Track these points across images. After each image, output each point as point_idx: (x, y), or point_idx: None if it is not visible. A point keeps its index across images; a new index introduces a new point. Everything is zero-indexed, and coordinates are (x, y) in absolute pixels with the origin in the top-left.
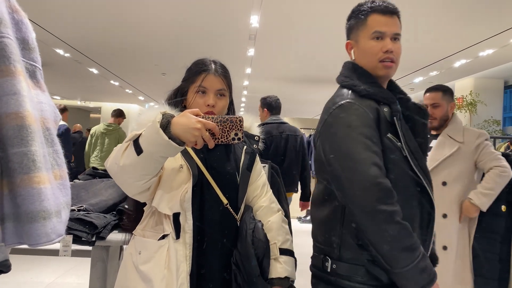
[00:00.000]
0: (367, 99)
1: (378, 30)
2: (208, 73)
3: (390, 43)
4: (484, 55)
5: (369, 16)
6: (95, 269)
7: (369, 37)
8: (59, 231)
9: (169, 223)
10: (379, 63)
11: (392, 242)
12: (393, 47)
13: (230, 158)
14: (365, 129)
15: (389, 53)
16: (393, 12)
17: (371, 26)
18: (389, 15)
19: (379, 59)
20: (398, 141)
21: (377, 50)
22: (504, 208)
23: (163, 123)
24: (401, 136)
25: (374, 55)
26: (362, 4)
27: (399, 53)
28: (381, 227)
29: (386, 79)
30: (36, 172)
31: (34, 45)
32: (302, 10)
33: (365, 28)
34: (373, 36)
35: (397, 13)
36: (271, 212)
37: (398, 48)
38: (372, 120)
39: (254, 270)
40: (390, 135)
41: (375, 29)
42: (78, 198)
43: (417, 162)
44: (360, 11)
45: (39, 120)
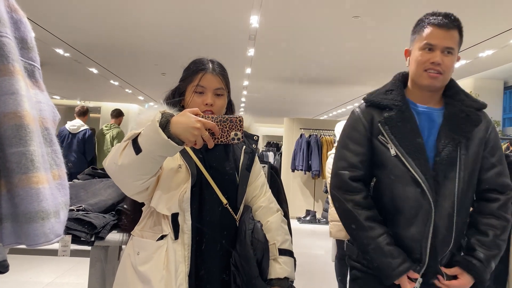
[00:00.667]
0: (369, 107)
1: (429, 42)
2: (205, 72)
3: (439, 55)
4: (483, 55)
5: (425, 28)
6: (94, 269)
7: (421, 47)
8: (58, 231)
9: (167, 223)
10: (424, 72)
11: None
12: (441, 60)
13: (229, 158)
14: (352, 132)
15: (436, 65)
16: (450, 26)
17: (424, 38)
18: (444, 29)
19: (424, 68)
20: (387, 142)
21: (425, 60)
22: None
23: (163, 122)
24: (388, 138)
25: (421, 64)
26: (426, 15)
27: (449, 66)
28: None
29: (432, 89)
30: (35, 172)
31: (33, 45)
32: (302, 11)
33: (420, 38)
34: (424, 47)
35: (455, 27)
36: (270, 212)
37: (449, 61)
38: (362, 125)
39: (253, 271)
40: (380, 137)
41: (426, 41)
42: (77, 198)
43: (412, 160)
44: (422, 21)
45: (38, 120)
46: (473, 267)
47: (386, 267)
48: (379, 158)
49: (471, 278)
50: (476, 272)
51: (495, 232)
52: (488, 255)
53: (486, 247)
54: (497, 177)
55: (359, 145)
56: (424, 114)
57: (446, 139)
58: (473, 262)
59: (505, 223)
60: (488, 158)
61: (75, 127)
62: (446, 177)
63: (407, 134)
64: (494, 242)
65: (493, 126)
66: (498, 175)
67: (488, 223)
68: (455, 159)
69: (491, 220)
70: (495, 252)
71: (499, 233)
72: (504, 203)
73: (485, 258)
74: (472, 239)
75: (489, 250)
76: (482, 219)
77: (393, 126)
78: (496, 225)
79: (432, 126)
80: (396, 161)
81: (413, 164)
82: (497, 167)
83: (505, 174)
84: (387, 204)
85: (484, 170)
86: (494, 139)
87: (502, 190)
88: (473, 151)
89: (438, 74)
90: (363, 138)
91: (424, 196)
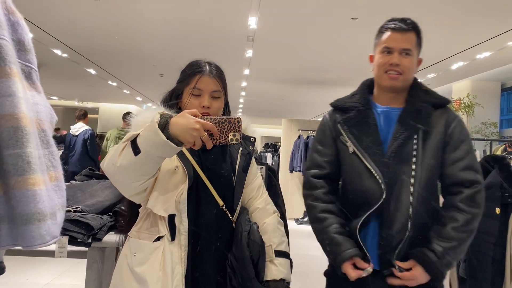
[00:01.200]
0: (335, 110)
1: (387, 45)
2: (202, 74)
3: (396, 57)
4: (481, 57)
5: (384, 33)
6: (91, 271)
7: (380, 51)
8: (54, 233)
9: (164, 224)
10: (384, 73)
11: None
12: (399, 61)
13: (225, 159)
14: (320, 135)
15: (395, 66)
16: (406, 29)
17: (383, 42)
18: (401, 32)
19: (384, 70)
20: (346, 141)
21: (384, 62)
22: (498, 210)
23: (161, 123)
24: (347, 137)
25: (381, 66)
26: (386, 21)
27: (408, 66)
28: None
29: (394, 89)
30: (31, 174)
31: (30, 47)
32: (300, 12)
33: (380, 43)
34: (383, 50)
35: (412, 30)
36: (266, 214)
37: (408, 62)
38: (328, 127)
39: (249, 272)
40: (341, 137)
41: (385, 44)
42: (74, 199)
43: (369, 156)
44: (381, 27)
45: (35, 122)
46: (426, 258)
47: (334, 254)
48: (341, 156)
49: (423, 269)
50: (429, 264)
51: (454, 224)
52: (445, 247)
53: (443, 239)
54: (461, 172)
55: (325, 146)
56: (383, 113)
57: (398, 134)
58: (427, 254)
59: (467, 216)
60: (451, 153)
61: (76, 129)
62: (401, 170)
63: (363, 132)
64: (451, 234)
65: (458, 121)
66: (463, 170)
67: (448, 216)
68: (409, 153)
69: (452, 213)
70: (453, 244)
71: (458, 225)
72: (469, 196)
73: (441, 250)
74: (431, 232)
75: (446, 242)
76: (444, 212)
77: (351, 125)
78: (457, 217)
79: (390, 125)
80: (354, 158)
81: (368, 158)
82: (461, 161)
83: (471, 168)
84: (351, 199)
85: (447, 165)
86: (458, 133)
87: (467, 184)
88: (431, 145)
89: (397, 75)
90: (329, 139)
91: (378, 186)
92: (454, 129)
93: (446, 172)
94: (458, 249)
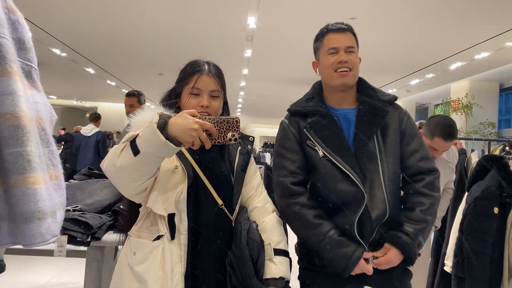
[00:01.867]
0: (294, 116)
1: (331, 46)
2: (201, 74)
3: (344, 55)
4: (479, 58)
5: (325, 37)
6: (90, 270)
7: (326, 53)
8: (54, 231)
9: (164, 224)
10: (334, 73)
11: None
12: (347, 58)
13: (224, 159)
14: (285, 142)
15: (344, 63)
16: (345, 29)
17: (327, 44)
18: (341, 32)
19: (334, 69)
20: (314, 145)
21: (332, 62)
22: (497, 210)
23: (160, 123)
24: (315, 141)
25: (330, 66)
26: (322, 29)
27: (355, 62)
28: (283, 212)
29: (346, 87)
30: (31, 172)
31: (30, 45)
32: (298, 11)
33: (323, 47)
34: (329, 52)
35: (349, 29)
36: (266, 212)
37: (354, 57)
38: (291, 133)
39: (248, 270)
40: (308, 142)
41: (329, 46)
42: (73, 198)
43: (340, 158)
44: (319, 34)
45: (35, 120)
46: (400, 240)
47: (342, 258)
48: (310, 161)
49: (398, 251)
50: (402, 245)
51: (422, 207)
52: (415, 228)
53: (413, 221)
54: (419, 162)
55: (294, 153)
56: (341, 116)
57: (360, 135)
58: (399, 236)
59: (431, 200)
60: (408, 146)
61: (88, 130)
62: (370, 169)
63: (330, 135)
64: (420, 217)
65: (408, 116)
66: (420, 160)
67: (414, 200)
68: (374, 151)
69: (417, 198)
70: (423, 226)
71: (425, 208)
72: (430, 182)
73: (412, 231)
74: (402, 217)
75: (416, 224)
76: (409, 198)
77: (317, 129)
78: (423, 201)
79: (350, 126)
80: (325, 161)
81: (341, 161)
82: (418, 153)
83: (427, 157)
84: (324, 203)
85: (406, 158)
86: (410, 128)
87: (427, 172)
88: (390, 141)
89: (347, 71)
90: (295, 145)
91: (357, 188)
92: (406, 124)
93: (406, 163)
94: (426, 230)
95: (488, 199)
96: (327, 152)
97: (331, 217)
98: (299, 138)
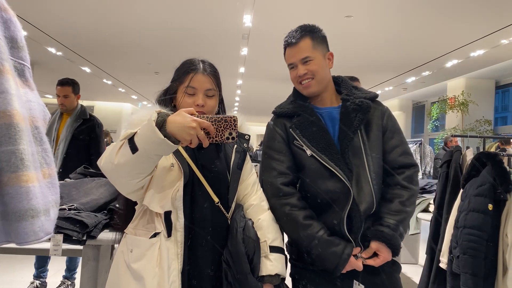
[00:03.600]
0: (280, 117)
1: (289, 62)
2: (196, 72)
3: (301, 68)
4: (475, 55)
5: (285, 52)
6: (86, 269)
7: (289, 68)
8: (48, 229)
9: (160, 221)
10: (299, 85)
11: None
12: (305, 69)
13: (220, 156)
14: (272, 143)
15: (303, 76)
16: (296, 41)
17: (286, 59)
18: (293, 46)
19: (297, 81)
20: (302, 145)
21: (293, 77)
22: (491, 207)
23: (159, 121)
24: (301, 141)
25: (294, 80)
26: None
27: (315, 69)
28: (274, 213)
29: (313, 94)
30: (24, 170)
31: (23, 44)
32: (295, 9)
33: (286, 61)
34: (290, 67)
35: (302, 37)
36: (261, 210)
37: (312, 65)
38: (278, 134)
39: (244, 267)
40: (295, 142)
41: (288, 62)
42: (69, 197)
43: (326, 156)
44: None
45: (28, 119)
46: (381, 233)
47: (333, 256)
48: (298, 160)
49: (381, 244)
50: (386, 238)
51: (401, 199)
52: (396, 219)
53: (392, 213)
54: (400, 157)
55: (282, 154)
56: (326, 114)
57: (345, 131)
58: (381, 229)
59: (410, 192)
60: (389, 142)
61: None
62: (356, 164)
63: (316, 134)
64: (399, 208)
65: (389, 112)
66: (401, 155)
67: (394, 193)
68: (359, 146)
69: (396, 190)
70: (402, 216)
71: (404, 199)
72: (409, 176)
73: (394, 223)
74: (381, 209)
75: (396, 215)
76: (389, 190)
77: (303, 129)
78: (401, 194)
79: (335, 123)
80: (312, 160)
81: (326, 159)
82: (399, 148)
83: (407, 153)
84: (313, 201)
85: (387, 153)
86: (391, 124)
87: (407, 166)
88: (373, 136)
89: (309, 82)
90: (283, 146)
91: (343, 185)
92: (388, 120)
93: (387, 157)
94: (405, 221)
95: (482, 195)
96: (313, 150)
97: (321, 214)
98: (286, 139)
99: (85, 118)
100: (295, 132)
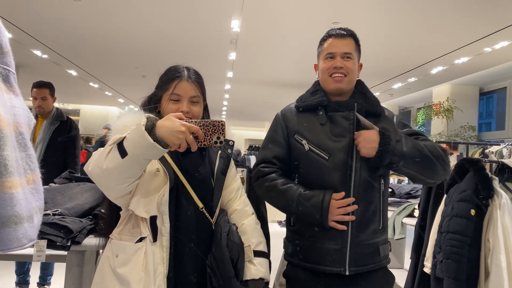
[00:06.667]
0: (287, 110)
1: (329, 51)
2: (181, 80)
3: (339, 60)
4: (460, 62)
5: (326, 41)
6: (71, 274)
7: (323, 58)
8: (31, 236)
9: (146, 226)
10: (329, 77)
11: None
12: (342, 64)
13: (204, 162)
14: (271, 133)
15: (338, 69)
16: (344, 35)
17: (325, 49)
18: (340, 38)
19: (329, 74)
20: (302, 139)
21: (328, 67)
22: (473, 212)
23: (148, 126)
24: (301, 136)
25: (326, 71)
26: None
27: (351, 68)
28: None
29: (340, 92)
30: (8, 176)
31: (8, 49)
32: (282, 14)
33: (322, 51)
34: (326, 57)
35: (350, 36)
36: (245, 215)
37: (350, 64)
38: (280, 126)
39: (228, 272)
40: (296, 136)
41: (327, 51)
42: (53, 202)
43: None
44: (322, 38)
45: (12, 125)
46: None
47: (315, 207)
48: (296, 154)
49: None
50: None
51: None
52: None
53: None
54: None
55: (275, 144)
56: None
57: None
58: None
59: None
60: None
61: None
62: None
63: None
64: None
65: (397, 116)
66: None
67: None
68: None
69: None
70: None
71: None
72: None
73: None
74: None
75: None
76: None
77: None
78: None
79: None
80: (305, 153)
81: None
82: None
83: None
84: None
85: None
86: (401, 122)
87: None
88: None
89: (342, 77)
90: (280, 137)
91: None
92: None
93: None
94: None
95: (465, 201)
96: (310, 146)
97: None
98: (286, 131)
99: (62, 120)
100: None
